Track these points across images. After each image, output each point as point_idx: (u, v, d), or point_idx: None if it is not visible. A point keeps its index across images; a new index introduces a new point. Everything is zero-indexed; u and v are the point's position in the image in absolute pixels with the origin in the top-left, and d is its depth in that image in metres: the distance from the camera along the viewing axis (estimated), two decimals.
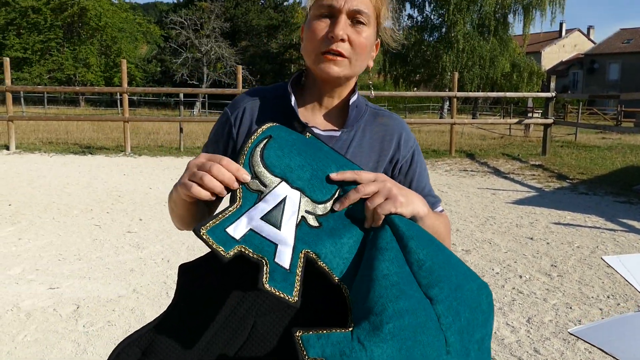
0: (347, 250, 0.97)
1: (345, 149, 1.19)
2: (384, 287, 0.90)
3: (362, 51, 1.15)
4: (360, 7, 1.13)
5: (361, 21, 1.13)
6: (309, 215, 0.97)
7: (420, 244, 0.96)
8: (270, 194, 0.96)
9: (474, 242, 5.16)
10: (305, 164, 1.00)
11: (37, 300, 3.57)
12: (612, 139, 17.23)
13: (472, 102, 38.04)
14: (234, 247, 0.92)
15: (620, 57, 50.72)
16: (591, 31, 61.97)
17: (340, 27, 1.11)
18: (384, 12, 1.20)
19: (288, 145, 1.01)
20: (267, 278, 0.91)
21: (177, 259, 4.48)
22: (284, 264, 0.92)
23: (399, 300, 0.88)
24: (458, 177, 9.33)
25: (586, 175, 9.31)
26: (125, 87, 11.55)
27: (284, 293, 0.91)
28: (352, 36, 1.13)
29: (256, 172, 0.97)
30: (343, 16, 1.12)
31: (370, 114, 1.26)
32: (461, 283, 0.96)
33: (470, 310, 0.95)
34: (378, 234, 0.97)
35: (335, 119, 1.24)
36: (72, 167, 9.53)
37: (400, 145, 1.25)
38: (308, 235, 0.96)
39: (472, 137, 17.38)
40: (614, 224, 5.95)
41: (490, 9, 31.48)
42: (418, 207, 1.03)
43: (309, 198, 0.98)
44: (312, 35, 1.14)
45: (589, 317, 3.45)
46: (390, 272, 0.91)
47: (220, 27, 38.08)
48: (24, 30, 37.57)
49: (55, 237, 5.08)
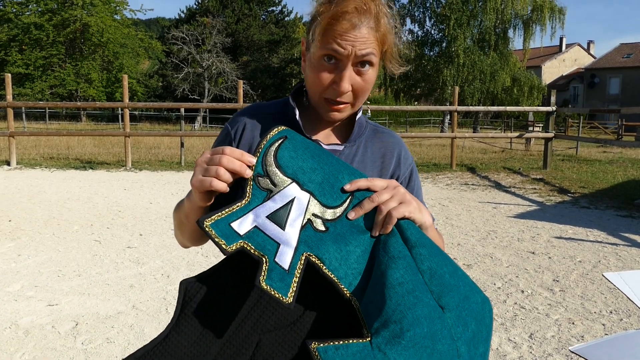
0: (354, 259, 0.96)
1: (348, 163, 1.19)
2: (400, 294, 0.89)
3: (366, 93, 1.15)
4: (367, 50, 1.08)
5: (367, 62, 1.10)
6: (316, 219, 0.97)
7: (431, 252, 0.97)
8: (279, 193, 0.97)
9: (476, 257, 5.14)
10: (317, 167, 1.00)
11: (36, 317, 3.54)
12: (613, 153, 17.23)
13: (472, 116, 38.13)
14: (237, 242, 0.92)
15: (621, 71, 50.90)
16: (591, 46, 62.23)
17: (346, 80, 1.09)
18: (390, 40, 1.15)
19: (302, 147, 1.02)
20: (265, 276, 0.90)
21: (177, 274, 4.46)
22: (283, 264, 0.92)
23: (416, 308, 0.88)
24: (459, 190, 9.32)
25: (587, 189, 9.29)
26: (126, 102, 11.59)
27: (279, 293, 0.90)
28: (357, 84, 1.11)
29: (268, 170, 0.98)
30: (349, 67, 1.09)
31: (371, 130, 1.27)
32: (468, 294, 0.96)
33: (476, 322, 0.95)
34: (389, 242, 0.96)
35: (338, 134, 1.25)
36: (73, 182, 9.53)
37: (400, 163, 1.26)
38: (312, 238, 0.95)
39: (473, 150, 17.39)
40: (616, 238, 5.92)
41: (491, 24, 31.69)
42: (426, 217, 1.04)
43: (318, 202, 0.98)
44: (316, 78, 1.12)
45: (591, 333, 3.41)
46: (405, 279, 0.91)
47: (222, 42, 38.34)
48: (26, 47, 37.78)
49: (54, 253, 5.06)
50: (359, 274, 0.95)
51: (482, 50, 32.57)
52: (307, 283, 0.96)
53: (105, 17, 38.54)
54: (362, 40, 1.07)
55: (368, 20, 1.08)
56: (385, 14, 1.13)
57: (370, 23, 1.09)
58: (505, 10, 31.37)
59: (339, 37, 1.07)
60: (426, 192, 8.94)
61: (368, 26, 1.08)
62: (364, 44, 1.07)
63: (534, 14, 32.02)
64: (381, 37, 1.11)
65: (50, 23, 37.36)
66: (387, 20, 1.13)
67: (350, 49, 1.07)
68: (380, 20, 1.11)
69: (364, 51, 1.08)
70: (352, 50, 1.07)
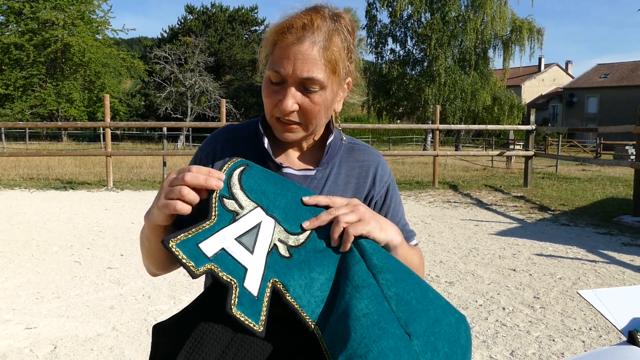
0: (318, 287, 0.94)
1: (320, 188, 1.18)
2: (365, 327, 0.87)
3: (317, 116, 1.10)
4: (309, 74, 1.04)
5: (313, 89, 1.06)
6: (280, 244, 0.95)
7: (397, 277, 0.95)
8: (245, 216, 0.94)
9: (458, 274, 5.16)
10: (280, 192, 0.99)
11: (13, 341, 3.48)
12: (591, 171, 17.46)
13: (454, 134, 38.50)
14: (205, 265, 0.88)
15: (598, 91, 51.86)
16: (569, 66, 63.37)
17: (288, 100, 1.06)
18: (343, 60, 1.10)
19: (264, 173, 1.01)
20: (236, 302, 0.87)
21: (159, 294, 4.42)
22: (252, 290, 0.89)
23: (382, 340, 0.86)
24: (441, 208, 9.38)
25: (567, 207, 9.40)
26: (107, 121, 11.53)
27: (250, 320, 0.88)
28: (305, 105, 1.08)
29: (233, 193, 0.95)
30: (291, 88, 1.06)
31: (346, 150, 1.24)
32: (439, 317, 0.94)
33: (449, 344, 0.93)
34: (353, 270, 0.94)
35: (310, 158, 1.22)
36: (53, 202, 9.43)
37: (376, 182, 1.23)
38: (278, 264, 0.93)
39: (455, 168, 17.52)
40: (595, 255, 5.99)
41: (471, 44, 32.19)
42: (392, 235, 1.01)
43: (282, 227, 0.96)
44: (265, 97, 1.11)
45: (571, 350, 3.44)
46: (370, 310, 0.89)
47: (205, 61, 38.43)
48: (6, 67, 37.48)
49: (33, 274, 4.99)
50: (322, 301, 0.93)
51: (463, 69, 33.04)
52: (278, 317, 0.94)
53: (87, 37, 38.42)
54: (304, 60, 1.04)
55: (315, 38, 1.04)
56: (341, 35, 1.09)
57: (316, 40, 1.05)
58: (485, 31, 31.92)
59: (282, 55, 1.05)
60: (409, 210, 8.98)
61: (314, 43, 1.04)
62: (306, 64, 1.04)
63: (513, 34, 32.63)
64: (332, 58, 1.07)
65: (31, 43, 37.15)
66: (343, 42, 1.09)
67: (290, 69, 1.04)
68: (333, 39, 1.07)
69: (306, 74, 1.04)
70: (292, 70, 1.04)
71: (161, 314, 4.00)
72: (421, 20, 33.32)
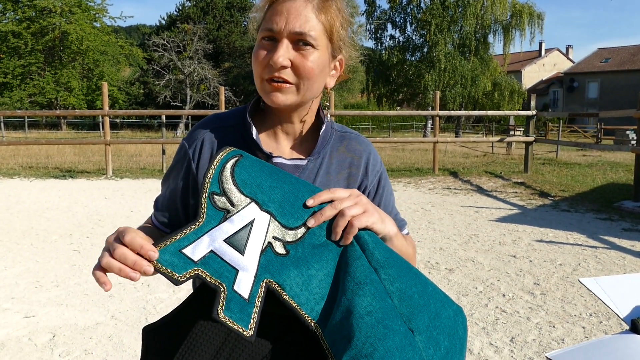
0: (316, 284, 0.91)
1: (312, 178, 1.14)
2: (370, 325, 0.85)
3: (310, 76, 1.07)
4: (302, 29, 1.03)
5: (306, 43, 1.04)
6: (276, 242, 0.91)
7: (399, 272, 0.93)
8: (237, 214, 0.90)
9: (458, 261, 5.15)
10: (276, 185, 0.94)
11: (12, 330, 3.48)
12: (592, 156, 17.45)
13: (454, 120, 38.41)
14: (190, 270, 0.86)
15: (599, 75, 51.64)
16: (570, 50, 63.11)
17: (279, 53, 1.03)
18: (337, 28, 1.09)
19: (259, 165, 0.96)
20: (223, 307, 0.84)
21: (157, 283, 4.41)
22: (242, 293, 0.86)
23: (387, 339, 0.84)
24: (441, 195, 9.36)
25: (567, 193, 9.38)
26: (106, 109, 11.48)
27: (239, 325, 0.85)
28: (297, 61, 1.05)
29: (225, 188, 0.91)
30: (284, 40, 1.04)
31: (337, 138, 1.21)
32: (440, 311, 0.93)
33: (449, 338, 0.92)
34: (354, 266, 0.91)
35: (301, 148, 1.18)
36: (52, 191, 9.41)
37: (368, 171, 1.20)
38: (272, 263, 0.89)
39: (455, 155, 17.49)
40: (596, 241, 5.97)
41: (471, 29, 32.03)
42: (389, 227, 1.00)
43: (278, 223, 0.92)
44: (255, 61, 1.08)
45: (571, 336, 3.43)
46: (374, 308, 0.87)
47: (203, 48, 38.27)
48: (4, 55, 37.32)
49: (32, 263, 4.98)
50: (321, 298, 0.90)
51: (463, 55, 32.90)
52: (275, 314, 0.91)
53: (85, 25, 38.21)
54: (297, 14, 1.03)
55: None
56: (337, 3, 1.09)
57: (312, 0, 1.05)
58: (485, 16, 31.74)
59: (274, 12, 1.04)
60: (408, 197, 8.97)
61: (308, 1, 1.05)
62: (298, 19, 1.03)
63: (513, 19, 32.45)
64: (325, 20, 1.06)
65: (28, 31, 36.94)
66: (337, 10, 1.09)
67: (283, 24, 1.03)
68: (328, 2, 1.07)
69: (299, 28, 1.03)
70: (285, 24, 1.03)
71: (160, 302, 3.99)
72: (420, 6, 33.15)
